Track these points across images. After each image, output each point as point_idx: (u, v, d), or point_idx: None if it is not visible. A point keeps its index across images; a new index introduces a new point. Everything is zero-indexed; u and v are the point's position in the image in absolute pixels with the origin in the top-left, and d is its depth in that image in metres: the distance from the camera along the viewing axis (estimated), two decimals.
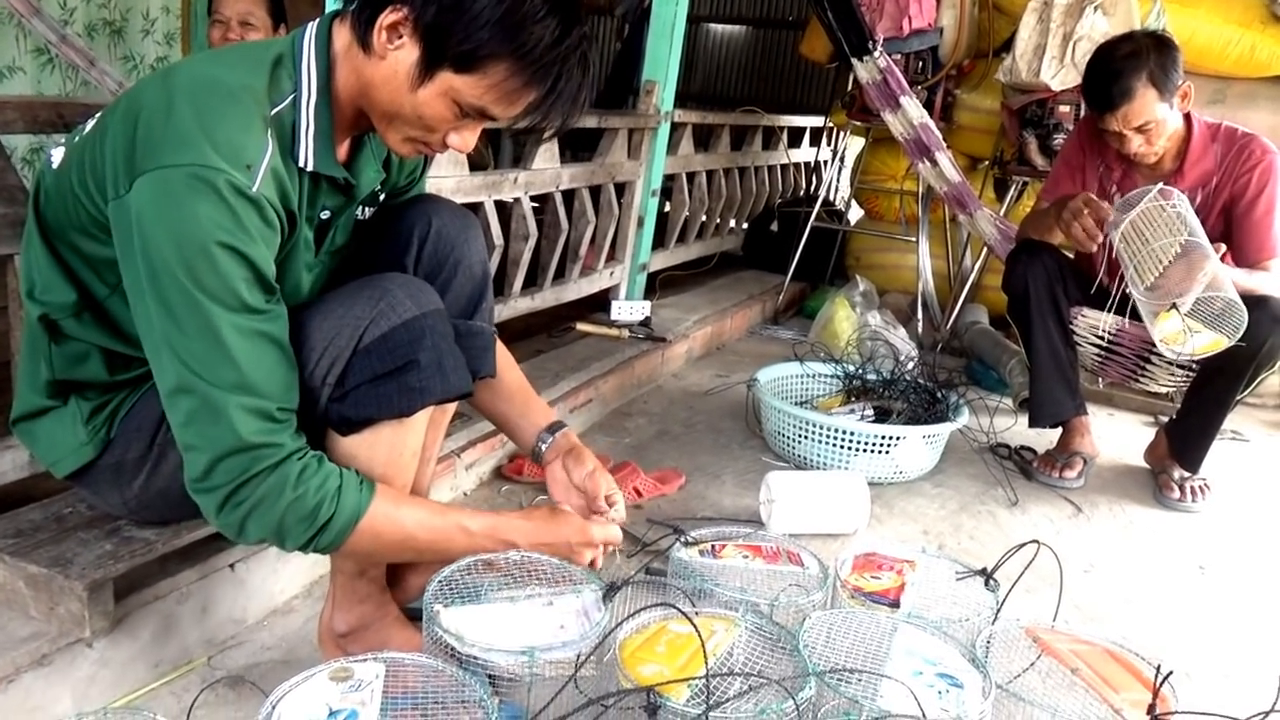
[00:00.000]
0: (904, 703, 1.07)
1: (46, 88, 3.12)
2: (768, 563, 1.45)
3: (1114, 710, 1.17)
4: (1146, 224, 2.15)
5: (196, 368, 1.04)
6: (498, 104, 1.12)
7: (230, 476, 1.06)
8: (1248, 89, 3.41)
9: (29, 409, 1.26)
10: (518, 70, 1.09)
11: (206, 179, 1.00)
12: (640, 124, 3.07)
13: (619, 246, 3.20)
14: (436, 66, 1.09)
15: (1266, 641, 1.82)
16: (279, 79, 1.12)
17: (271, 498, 1.08)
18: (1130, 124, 2.22)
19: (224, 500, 1.08)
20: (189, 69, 1.10)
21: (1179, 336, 2.12)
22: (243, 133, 1.05)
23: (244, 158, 1.04)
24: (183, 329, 1.03)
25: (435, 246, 1.38)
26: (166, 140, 1.02)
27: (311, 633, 1.49)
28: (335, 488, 1.12)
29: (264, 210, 1.06)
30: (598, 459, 1.51)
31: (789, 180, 4.86)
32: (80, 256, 1.17)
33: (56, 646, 1.24)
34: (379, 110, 1.15)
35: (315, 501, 1.10)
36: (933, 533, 2.15)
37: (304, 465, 1.10)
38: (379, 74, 1.11)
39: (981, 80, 3.84)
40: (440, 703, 1.07)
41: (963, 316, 3.72)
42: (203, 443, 1.06)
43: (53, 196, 1.17)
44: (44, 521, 1.36)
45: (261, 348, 1.07)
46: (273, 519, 1.09)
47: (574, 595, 1.23)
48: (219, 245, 1.01)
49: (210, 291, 1.02)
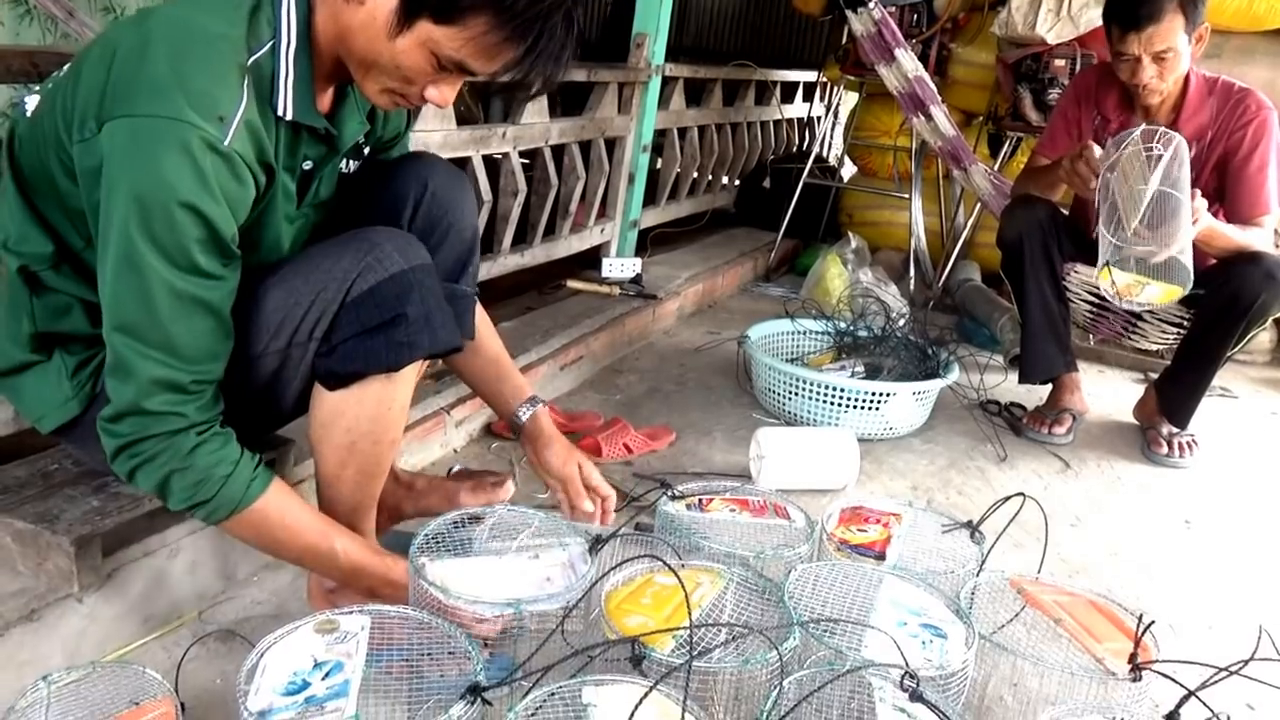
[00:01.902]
0: (888, 653, 1.08)
1: (25, 39, 3.07)
2: (755, 516, 1.46)
3: (1096, 660, 1.18)
4: (1129, 168, 2.13)
5: (125, 323, 1.05)
6: (476, 58, 1.09)
7: (130, 430, 1.09)
8: (1245, 43, 3.37)
9: (11, 363, 1.25)
10: (498, 25, 1.06)
11: (177, 134, 0.99)
12: (631, 78, 3.03)
13: (610, 203, 3.18)
14: (415, 15, 1.06)
15: (1249, 594, 1.84)
16: (258, 25, 1.09)
17: (160, 460, 1.09)
18: (1152, 47, 2.17)
19: (120, 448, 1.10)
20: (166, 11, 1.08)
21: (1130, 287, 2.09)
22: (218, 83, 1.03)
23: (217, 109, 1.02)
24: (124, 280, 1.03)
25: (429, 208, 1.36)
26: (139, 86, 1.00)
27: (301, 588, 1.50)
28: (223, 475, 1.12)
29: (234, 165, 1.04)
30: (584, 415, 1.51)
31: (782, 136, 4.82)
32: (57, 206, 1.15)
33: (45, 602, 1.24)
34: (356, 58, 1.12)
35: (198, 479, 1.11)
36: (921, 488, 2.16)
37: (201, 441, 1.10)
38: (357, 20, 1.09)
39: (977, 34, 3.78)
40: (428, 654, 1.08)
41: (955, 273, 3.71)
42: (114, 395, 1.08)
43: (26, 144, 1.15)
44: (30, 477, 1.36)
45: (194, 313, 1.06)
46: (158, 478, 1.11)
47: (560, 549, 1.23)
48: (180, 204, 1.00)
49: (161, 247, 1.01)
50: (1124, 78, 2.27)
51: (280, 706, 0.95)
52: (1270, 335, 3.45)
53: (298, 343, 1.17)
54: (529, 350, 2.34)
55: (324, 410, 1.22)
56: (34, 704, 1.06)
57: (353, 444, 1.24)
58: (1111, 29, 2.23)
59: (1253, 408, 2.99)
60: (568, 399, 2.46)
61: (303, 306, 1.16)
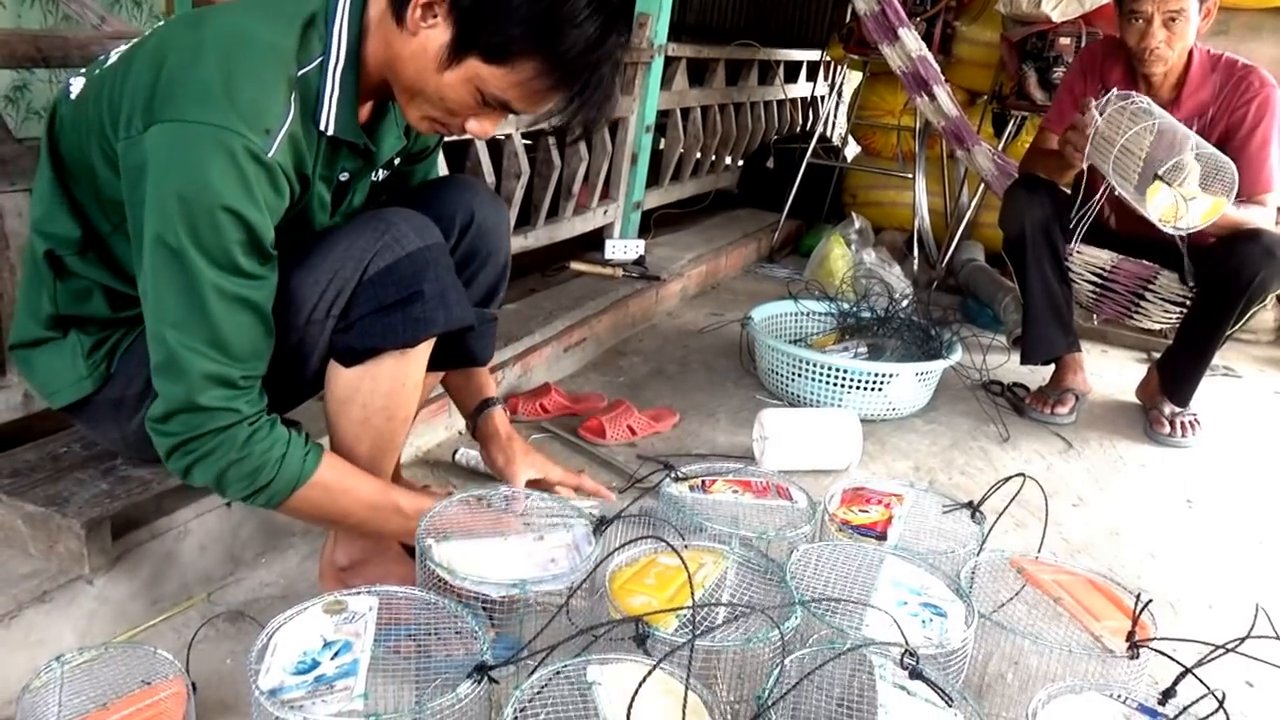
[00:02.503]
0: (888, 631, 1.10)
1: (26, 21, 3.05)
2: (757, 497, 1.47)
3: (1094, 638, 1.19)
4: (1115, 130, 2.13)
5: (173, 321, 1.06)
6: (521, 100, 1.11)
7: (183, 428, 1.10)
8: (1252, 20, 3.34)
9: (28, 337, 1.26)
10: (547, 70, 1.08)
11: (223, 141, 1.01)
12: (633, 58, 3.02)
13: (613, 184, 3.17)
14: (465, 52, 1.08)
15: (1250, 573, 1.85)
16: (309, 40, 1.10)
17: (218, 454, 1.11)
18: (1166, 6, 2.16)
19: (174, 446, 1.12)
20: (222, 17, 1.09)
21: (1175, 209, 2.07)
22: (266, 94, 1.05)
23: (264, 121, 1.04)
24: (169, 281, 1.05)
25: (474, 238, 1.40)
26: (189, 91, 1.01)
27: (310, 569, 1.52)
28: (279, 455, 1.14)
29: (275, 177, 1.06)
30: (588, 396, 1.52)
31: (785, 116, 4.79)
32: (89, 191, 1.16)
33: (57, 584, 1.26)
34: (403, 85, 1.14)
35: (257, 465, 1.12)
36: (924, 468, 2.17)
37: (255, 429, 1.12)
38: (408, 49, 1.10)
39: (981, 12, 3.76)
40: (435, 633, 1.10)
41: (959, 254, 3.70)
42: (164, 393, 1.09)
43: (67, 127, 1.16)
44: (40, 461, 1.37)
45: (240, 311, 1.08)
46: (215, 472, 1.12)
47: (565, 530, 1.25)
48: (224, 209, 1.02)
49: (205, 249, 1.03)
50: (1131, 41, 2.25)
51: (291, 685, 0.97)
52: (1274, 314, 3.44)
53: (315, 320, 1.19)
54: (533, 332, 2.34)
55: (340, 387, 1.24)
56: (47, 684, 1.08)
57: (367, 419, 1.26)
58: None
59: (1256, 386, 3.00)
60: (571, 381, 2.47)
61: (321, 285, 1.18)
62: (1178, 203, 2.06)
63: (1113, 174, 2.12)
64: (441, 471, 1.90)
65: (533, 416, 2.16)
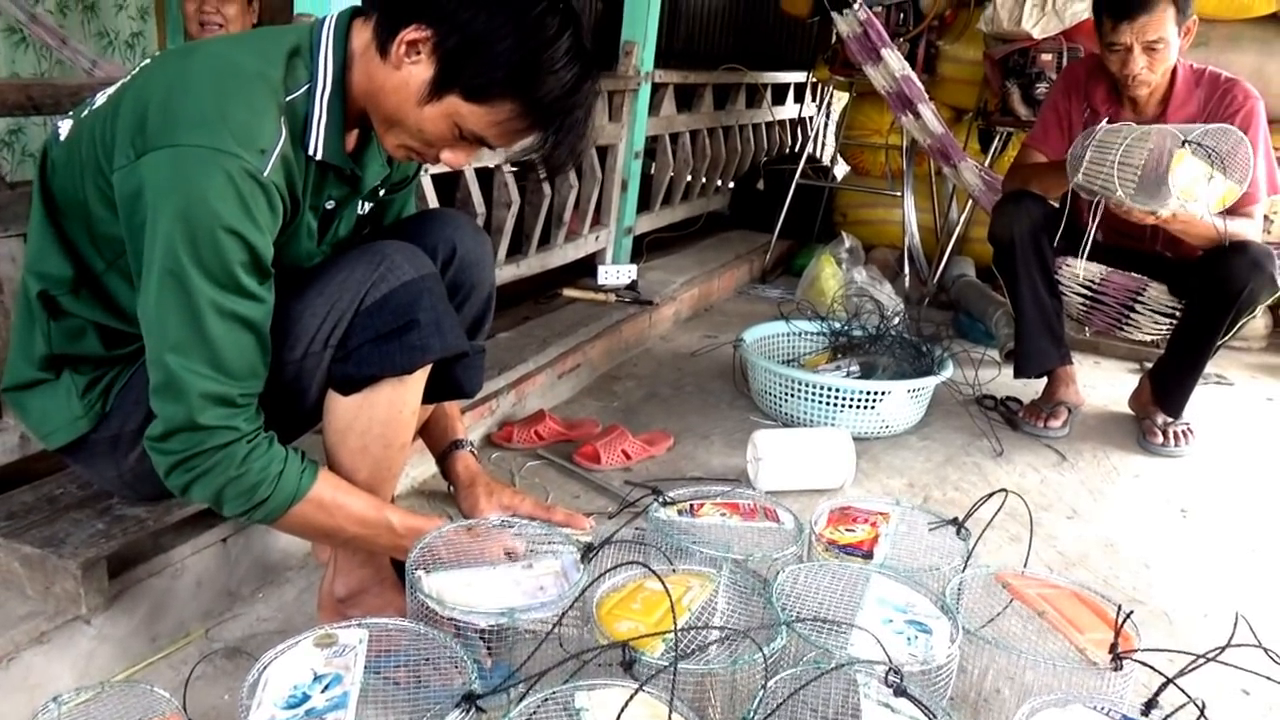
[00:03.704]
0: (873, 649, 1.11)
1: (21, 67, 3.10)
2: (745, 520, 1.48)
3: (1079, 650, 1.20)
4: (1106, 149, 2.15)
5: (174, 342, 1.08)
6: (498, 137, 1.16)
7: (183, 446, 1.12)
8: (1232, 31, 3.38)
9: (21, 380, 1.28)
10: (524, 113, 1.13)
11: (220, 163, 1.03)
12: (620, 86, 3.06)
13: (603, 211, 3.20)
14: (446, 90, 1.12)
15: (1245, 582, 1.86)
16: (295, 68, 1.14)
17: (216, 471, 1.13)
18: (1144, 37, 2.19)
19: (174, 465, 1.14)
20: (208, 50, 1.13)
21: (1196, 184, 2.06)
22: (258, 117, 1.08)
23: (258, 142, 1.07)
24: (169, 302, 1.07)
25: (457, 271, 1.42)
26: (184, 118, 1.04)
27: (307, 603, 1.53)
28: (277, 472, 1.16)
29: (271, 196, 1.09)
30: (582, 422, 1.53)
31: (774, 138, 4.84)
32: (82, 230, 1.19)
33: (54, 624, 1.27)
34: (382, 114, 1.17)
35: (255, 481, 1.15)
36: (918, 485, 2.18)
37: (253, 446, 1.15)
38: (390, 81, 1.14)
39: (964, 31, 3.81)
40: (429, 661, 1.11)
41: (949, 269, 3.72)
42: (163, 414, 1.12)
43: (59, 168, 1.18)
44: (36, 502, 1.39)
45: (240, 331, 1.11)
46: (214, 489, 1.15)
47: (553, 557, 1.26)
48: (225, 229, 1.05)
49: (207, 269, 1.06)
50: (1113, 69, 2.29)
51: (282, 719, 0.98)
52: (1265, 321, 3.46)
53: (313, 351, 1.22)
54: (526, 360, 2.36)
55: (338, 416, 1.27)
56: None
57: (365, 448, 1.28)
58: (1103, 20, 2.25)
59: (1248, 394, 3.00)
60: (566, 407, 2.48)
61: (319, 316, 1.21)
62: (1205, 176, 2.05)
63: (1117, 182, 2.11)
64: (437, 502, 1.91)
65: (528, 444, 2.17)
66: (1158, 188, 2.08)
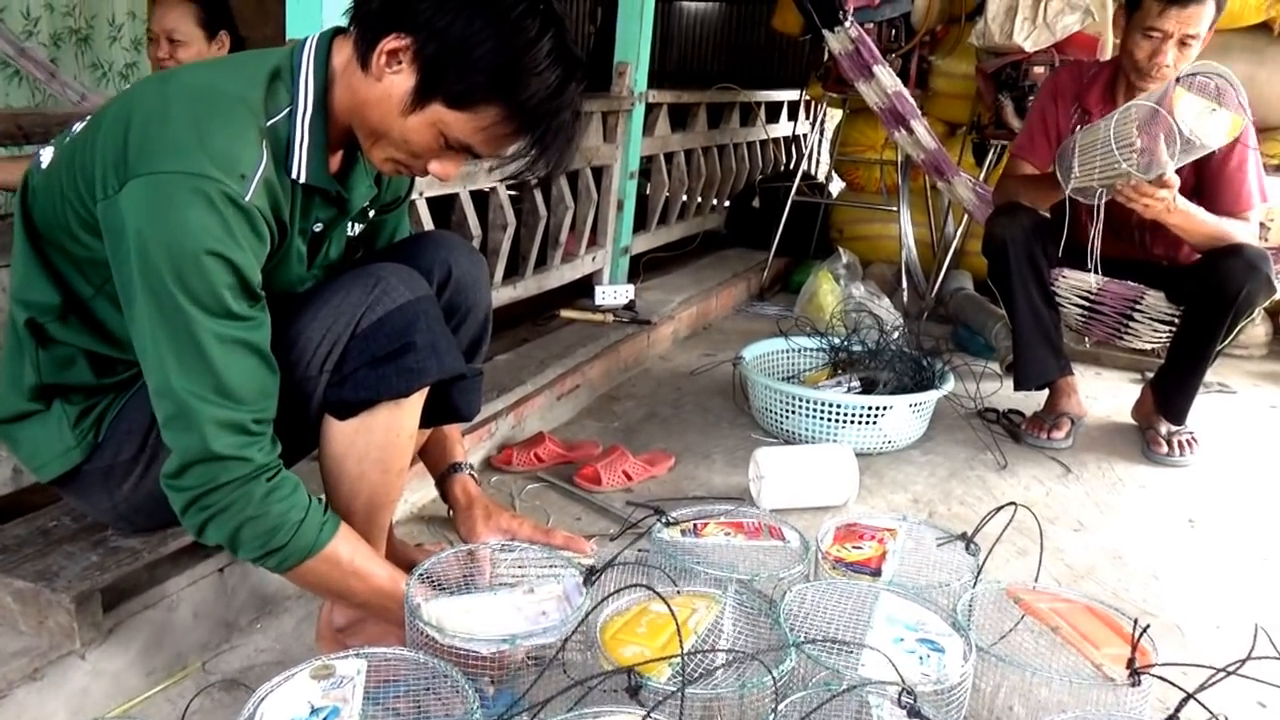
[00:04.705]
0: (885, 670, 1.08)
1: (15, 100, 3.10)
2: (749, 539, 1.46)
3: (1095, 666, 1.18)
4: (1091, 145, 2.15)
5: (175, 373, 1.06)
6: (484, 144, 1.14)
7: (199, 481, 1.09)
8: (1222, 40, 3.38)
9: (11, 412, 1.26)
10: (509, 117, 1.11)
11: (200, 188, 1.02)
12: (614, 106, 3.06)
13: (600, 231, 3.20)
14: (429, 98, 1.10)
15: (1256, 591, 1.83)
16: (276, 91, 1.13)
17: (234, 509, 1.11)
18: (1185, 28, 2.18)
19: (190, 501, 1.11)
20: (186, 76, 1.12)
21: (1201, 119, 2.04)
22: (238, 142, 1.07)
23: (239, 167, 1.06)
24: (166, 333, 1.05)
25: (452, 294, 1.40)
26: (162, 145, 1.03)
27: (305, 633, 1.50)
28: (297, 520, 1.14)
29: (254, 220, 1.07)
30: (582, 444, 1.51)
31: (769, 156, 4.85)
32: (66, 257, 1.17)
33: (48, 660, 1.25)
34: (367, 128, 1.16)
35: (274, 525, 1.12)
36: (923, 500, 2.16)
37: (273, 486, 1.12)
38: (373, 94, 1.13)
39: (955, 45, 3.82)
40: (430, 690, 1.09)
41: (947, 283, 3.72)
42: (177, 446, 1.09)
43: (40, 195, 1.17)
44: (29, 536, 1.36)
45: (240, 355, 1.09)
46: (230, 529, 1.12)
47: (554, 581, 1.24)
48: (208, 253, 1.03)
49: (195, 297, 1.04)
50: (1139, 55, 2.25)
51: None
52: (1265, 329, 3.45)
53: (309, 377, 1.20)
54: (525, 382, 2.35)
55: (335, 441, 1.25)
56: None
57: (363, 473, 1.26)
58: (1148, 2, 2.20)
59: (1251, 402, 2.99)
60: (566, 428, 2.46)
61: (314, 341, 1.19)
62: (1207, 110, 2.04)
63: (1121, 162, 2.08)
64: (436, 527, 1.89)
65: (528, 466, 2.15)
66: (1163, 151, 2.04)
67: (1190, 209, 2.18)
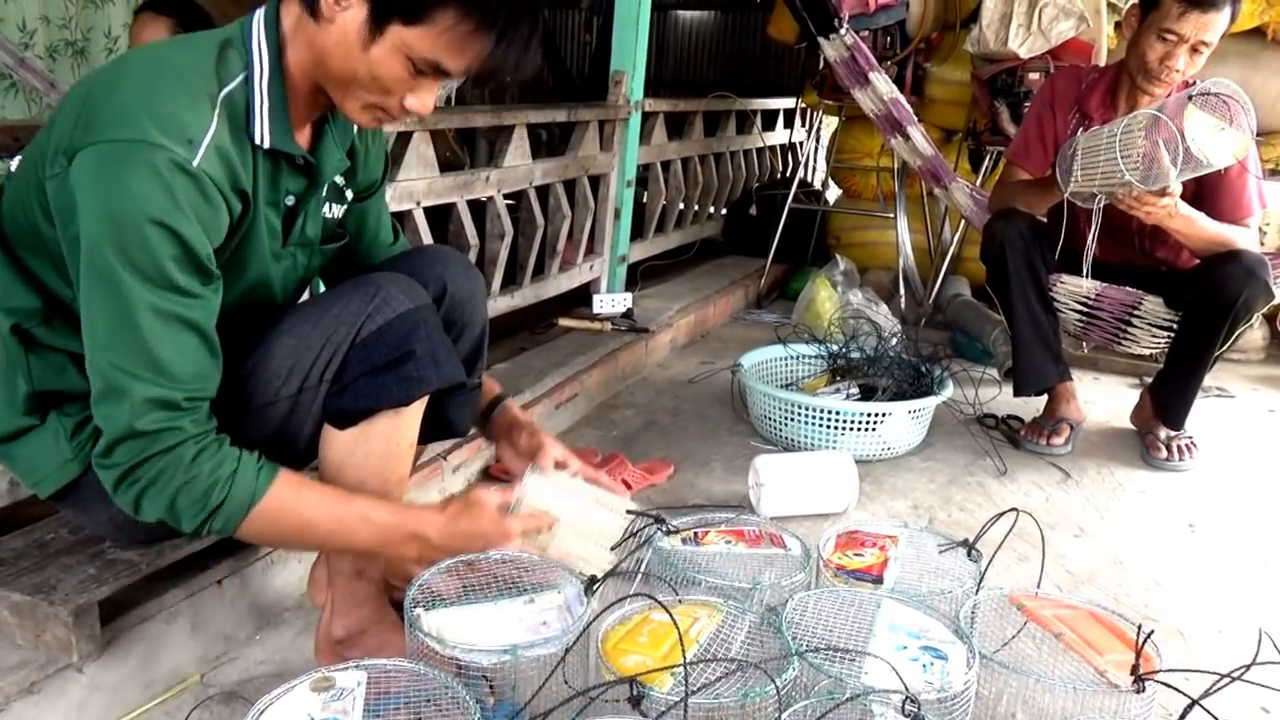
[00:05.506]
0: (889, 678, 1.08)
1: (11, 113, 3.10)
2: (750, 547, 1.46)
3: (1099, 673, 1.17)
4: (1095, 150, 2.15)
5: (107, 347, 1.05)
6: (449, 54, 1.11)
7: (126, 457, 1.07)
8: (1217, 45, 3.40)
9: (7, 430, 1.25)
10: (465, 14, 1.08)
11: (144, 156, 1.01)
12: (611, 115, 3.07)
13: (597, 239, 3.20)
14: (385, 21, 1.08)
15: (1258, 596, 1.83)
16: (228, 59, 1.11)
17: (164, 479, 1.08)
18: (1201, 33, 2.18)
19: (119, 478, 1.09)
20: (139, 52, 1.12)
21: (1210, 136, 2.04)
22: (186, 108, 1.05)
23: (186, 132, 1.04)
24: (101, 306, 1.04)
25: (448, 310, 1.39)
26: (108, 115, 1.03)
27: (304, 645, 1.49)
28: (229, 472, 1.10)
29: (204, 186, 1.05)
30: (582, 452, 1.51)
31: (765, 163, 4.86)
32: (43, 257, 1.16)
33: (45, 674, 1.24)
34: (334, 78, 1.14)
35: (206, 485, 1.09)
36: (922, 506, 2.15)
37: (201, 448, 1.09)
38: (330, 39, 1.11)
39: (951, 52, 3.84)
40: (431, 701, 1.08)
41: (945, 289, 3.72)
42: (105, 423, 1.07)
43: (9, 198, 1.17)
44: (26, 549, 1.36)
45: (178, 331, 1.07)
46: (164, 500, 1.09)
47: (555, 591, 1.23)
48: (151, 222, 1.01)
49: (137, 267, 1.02)
50: (1151, 57, 2.23)
51: None
52: (1263, 333, 3.46)
53: (308, 386, 1.20)
54: (523, 391, 2.35)
55: (335, 450, 1.24)
56: None
57: (363, 483, 1.26)
58: (1167, 5, 2.19)
59: (1250, 406, 2.99)
60: (564, 437, 2.45)
61: (313, 351, 1.19)
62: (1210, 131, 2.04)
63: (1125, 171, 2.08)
64: None
65: None
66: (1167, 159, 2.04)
67: (1192, 214, 2.19)
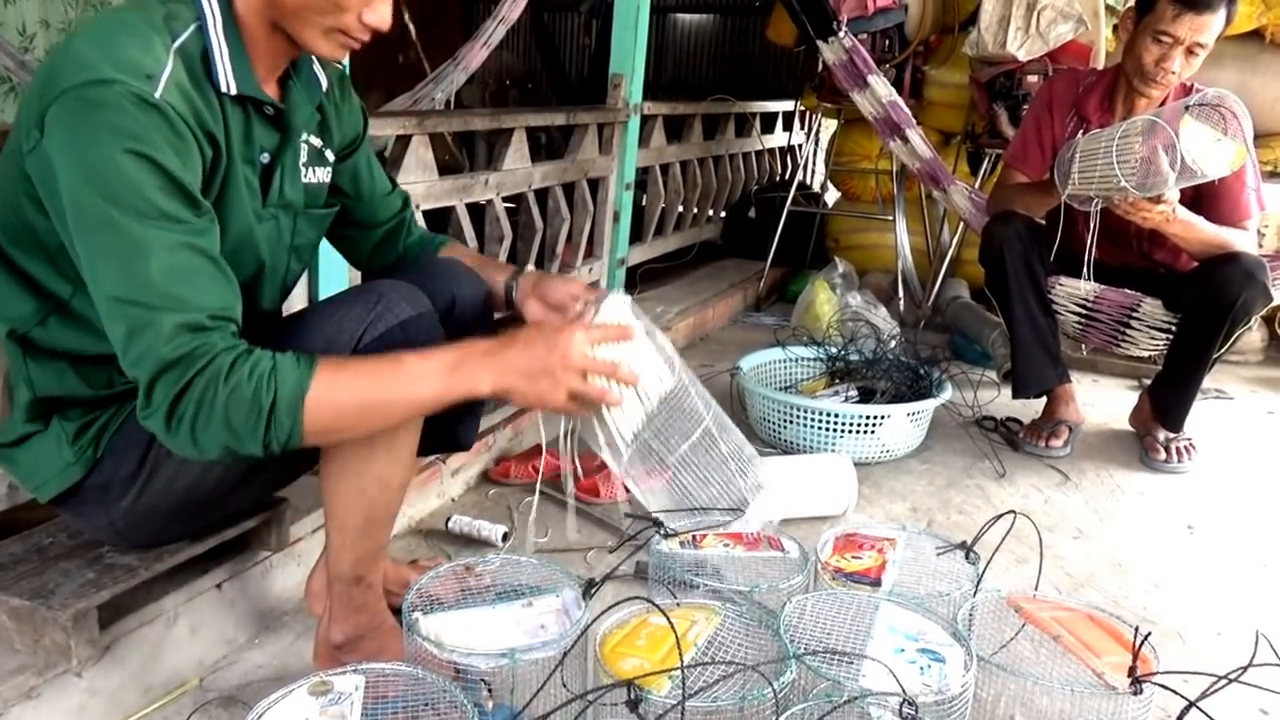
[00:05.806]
0: (886, 680, 1.08)
1: (10, 115, 3.11)
2: (748, 550, 1.46)
3: (1096, 674, 1.17)
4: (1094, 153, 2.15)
5: (120, 287, 1.02)
6: None
7: (166, 391, 1.03)
8: (1214, 48, 3.38)
9: (9, 436, 1.25)
10: None
11: (104, 93, 1.00)
12: (610, 118, 3.07)
13: (596, 242, 3.20)
14: None
15: (1256, 598, 1.83)
16: (176, 12, 1.10)
17: (208, 400, 1.03)
18: (1196, 35, 2.18)
19: (166, 418, 1.04)
20: (89, 19, 1.11)
21: (1206, 146, 2.05)
22: (141, 52, 1.04)
23: (143, 68, 1.03)
24: (105, 247, 1.02)
25: (456, 320, 1.37)
26: (65, 68, 1.02)
27: (303, 648, 1.50)
28: (268, 369, 1.05)
29: (169, 117, 1.04)
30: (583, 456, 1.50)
31: (764, 166, 4.86)
32: (36, 251, 1.15)
33: (44, 678, 1.24)
34: (289, 10, 1.12)
35: (253, 389, 1.03)
36: (921, 509, 2.16)
37: (234, 357, 1.04)
38: None
39: (949, 55, 3.84)
40: (429, 705, 1.08)
41: (944, 292, 3.73)
42: (137, 366, 1.04)
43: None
44: (25, 553, 1.36)
45: (186, 258, 1.04)
46: (218, 421, 1.03)
47: (553, 595, 1.23)
48: (125, 153, 1.00)
49: (125, 204, 1.01)
50: (1146, 59, 2.23)
51: None
52: (1261, 335, 3.46)
53: None
54: None
55: (336, 456, 1.24)
56: None
57: (363, 489, 1.26)
58: (1161, 7, 2.19)
59: (1249, 408, 2.99)
60: None
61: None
62: (1214, 139, 2.05)
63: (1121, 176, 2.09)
64: (435, 540, 1.89)
65: (526, 479, 2.15)
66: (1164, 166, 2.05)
67: (1190, 218, 2.19)
